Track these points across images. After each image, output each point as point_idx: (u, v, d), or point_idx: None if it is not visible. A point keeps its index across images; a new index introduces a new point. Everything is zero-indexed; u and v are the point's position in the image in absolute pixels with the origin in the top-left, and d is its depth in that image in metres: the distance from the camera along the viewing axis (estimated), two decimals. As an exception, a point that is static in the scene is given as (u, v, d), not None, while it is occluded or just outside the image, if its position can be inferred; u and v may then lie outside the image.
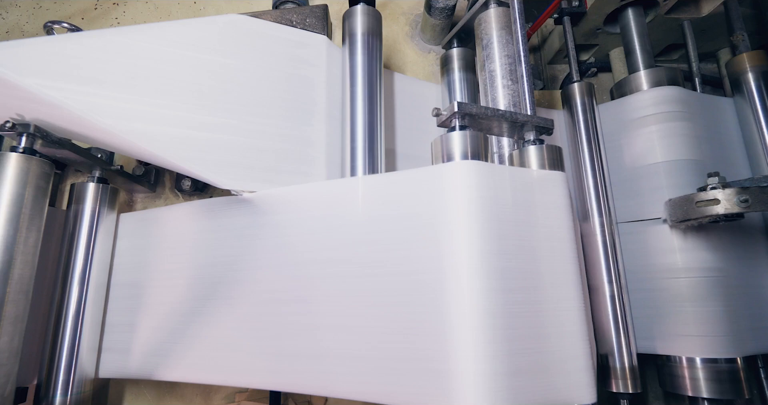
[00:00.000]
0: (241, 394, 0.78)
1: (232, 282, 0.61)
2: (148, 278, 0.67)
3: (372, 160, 0.66)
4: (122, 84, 0.57)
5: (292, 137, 0.66)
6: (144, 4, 1.01)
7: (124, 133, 0.55)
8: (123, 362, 0.65)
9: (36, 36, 0.99)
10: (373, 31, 0.73)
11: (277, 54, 0.68)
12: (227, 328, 0.60)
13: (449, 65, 0.85)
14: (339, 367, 0.53)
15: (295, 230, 0.58)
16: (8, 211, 0.54)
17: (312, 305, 0.56)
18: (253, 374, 0.58)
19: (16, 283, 0.53)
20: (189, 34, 0.63)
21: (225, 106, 0.62)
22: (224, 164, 0.60)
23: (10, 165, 0.55)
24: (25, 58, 0.53)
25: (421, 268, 0.50)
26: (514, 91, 0.68)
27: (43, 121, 0.57)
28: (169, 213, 0.69)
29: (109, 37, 0.59)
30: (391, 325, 0.51)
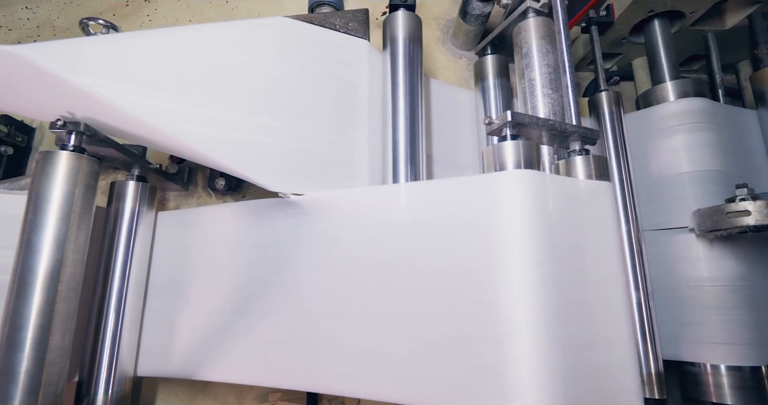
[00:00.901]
0: (274, 394, 0.78)
1: (276, 284, 0.62)
2: (188, 278, 0.68)
3: (414, 167, 0.67)
4: (173, 85, 0.58)
5: (336, 141, 0.66)
6: (176, 2, 1.01)
7: (176, 133, 0.55)
8: (162, 361, 0.66)
9: (67, 31, 0.99)
10: (414, 36, 0.74)
11: (321, 57, 0.68)
12: (270, 329, 0.61)
13: (484, 72, 0.86)
14: (386, 372, 0.54)
15: (342, 234, 0.59)
16: (60, 210, 0.54)
17: (358, 309, 0.57)
18: (297, 376, 0.59)
19: (68, 282, 0.53)
20: (238, 36, 0.63)
21: (272, 109, 0.62)
22: (271, 166, 0.60)
23: (61, 163, 0.55)
24: (79, 56, 0.54)
25: (472, 274, 0.51)
26: (554, 100, 0.69)
27: (95, 119, 0.57)
28: (210, 213, 0.69)
29: (160, 37, 0.59)
30: (439, 331, 0.52)
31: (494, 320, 0.48)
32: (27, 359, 0.49)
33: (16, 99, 0.59)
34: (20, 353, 0.49)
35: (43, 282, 0.51)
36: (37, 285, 0.51)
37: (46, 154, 0.55)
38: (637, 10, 0.97)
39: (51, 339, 0.51)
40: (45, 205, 0.53)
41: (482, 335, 0.49)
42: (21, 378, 0.48)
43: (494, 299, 0.48)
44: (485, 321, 0.49)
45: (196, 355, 0.64)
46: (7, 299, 0.51)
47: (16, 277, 0.51)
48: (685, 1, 0.94)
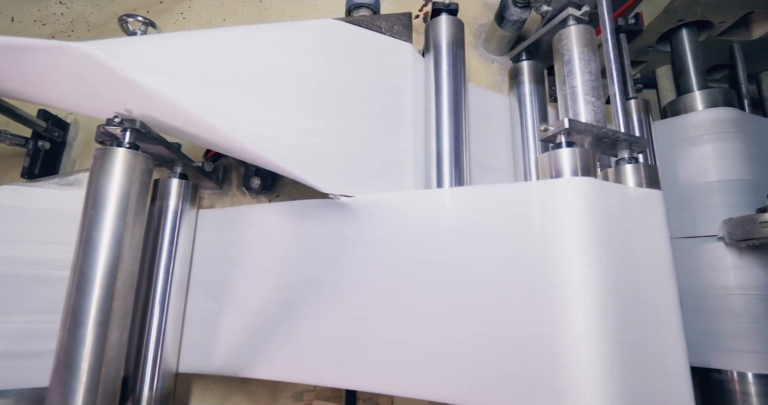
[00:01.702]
0: (309, 393, 0.78)
1: (322, 283, 0.62)
2: (230, 276, 0.68)
3: (459, 171, 0.67)
4: (229, 85, 0.58)
5: (382, 143, 0.67)
6: (209, 0, 1.01)
7: (232, 132, 0.56)
8: (205, 358, 0.66)
9: (101, 27, 0.99)
10: (458, 41, 0.74)
11: (368, 60, 0.69)
12: (316, 328, 0.61)
13: (519, 77, 0.86)
14: (435, 371, 0.55)
15: (390, 236, 0.60)
16: (117, 207, 0.54)
17: (406, 310, 0.58)
18: (343, 375, 0.59)
19: (125, 279, 0.53)
20: (290, 37, 0.63)
21: (322, 110, 0.63)
22: (321, 167, 0.61)
23: (118, 160, 0.56)
24: (142, 54, 0.54)
25: (526, 276, 0.52)
26: (597, 108, 0.70)
27: (151, 117, 0.58)
28: (253, 212, 0.70)
29: (217, 37, 0.59)
30: (488, 334, 0.53)
31: (551, 323, 0.49)
32: (88, 355, 0.49)
33: (71, 94, 0.59)
34: (81, 349, 0.49)
35: (102, 278, 0.52)
36: (97, 281, 0.51)
37: (105, 151, 0.55)
38: (666, 19, 0.98)
39: (110, 335, 0.51)
40: (103, 201, 0.54)
41: (537, 339, 0.50)
42: (82, 374, 0.49)
43: (551, 302, 0.49)
44: (540, 324, 0.50)
45: (239, 353, 0.65)
46: (68, 295, 0.51)
47: (76, 273, 0.52)
48: (715, 12, 0.95)
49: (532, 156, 0.81)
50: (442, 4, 0.77)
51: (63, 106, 0.63)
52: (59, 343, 0.50)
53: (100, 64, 0.51)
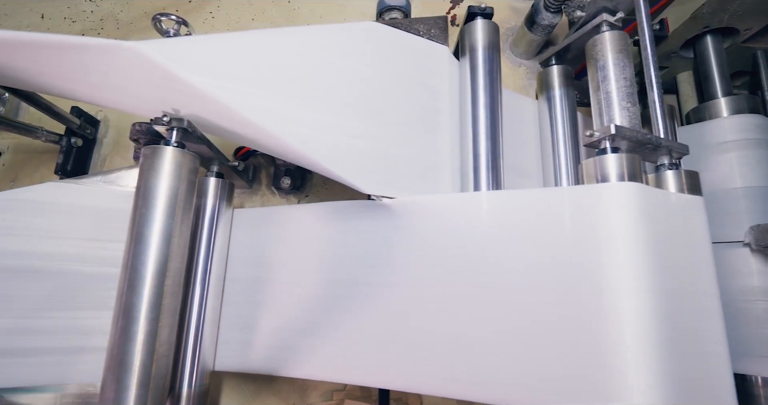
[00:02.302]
0: (339, 392, 0.79)
1: (362, 284, 0.63)
2: (267, 275, 0.69)
3: (496, 175, 0.68)
4: (275, 85, 0.59)
5: (422, 146, 0.67)
6: (238, 0, 1.02)
7: (280, 133, 0.56)
8: (241, 356, 0.66)
9: (131, 25, 1.00)
10: (494, 45, 0.75)
11: (407, 62, 0.69)
12: (356, 328, 0.62)
13: (549, 82, 0.87)
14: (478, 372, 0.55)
15: (432, 238, 0.60)
16: (167, 205, 0.55)
17: (448, 311, 0.58)
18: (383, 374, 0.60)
19: (174, 276, 0.54)
20: (332, 39, 0.64)
21: (364, 112, 0.64)
22: (364, 169, 0.61)
23: (167, 158, 0.56)
24: (193, 54, 0.54)
25: (572, 283, 0.52)
26: (632, 114, 0.70)
27: (199, 116, 0.58)
28: (290, 212, 0.70)
29: (263, 38, 0.60)
30: (531, 340, 0.54)
31: (597, 325, 0.50)
32: (139, 352, 0.50)
33: (119, 92, 0.60)
34: (134, 346, 0.50)
35: (152, 276, 0.52)
36: (148, 279, 0.52)
37: (155, 150, 0.56)
38: (693, 25, 0.99)
39: (160, 333, 0.51)
40: (153, 199, 0.54)
41: (583, 341, 0.50)
42: (135, 370, 0.49)
43: (599, 305, 0.50)
44: (586, 326, 0.51)
45: (276, 352, 0.65)
46: (120, 292, 0.52)
47: (127, 270, 0.52)
48: (742, 19, 0.96)
49: (563, 160, 0.82)
50: (478, 8, 0.77)
51: (108, 104, 0.63)
52: (112, 340, 0.50)
53: (154, 64, 0.52)
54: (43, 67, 0.57)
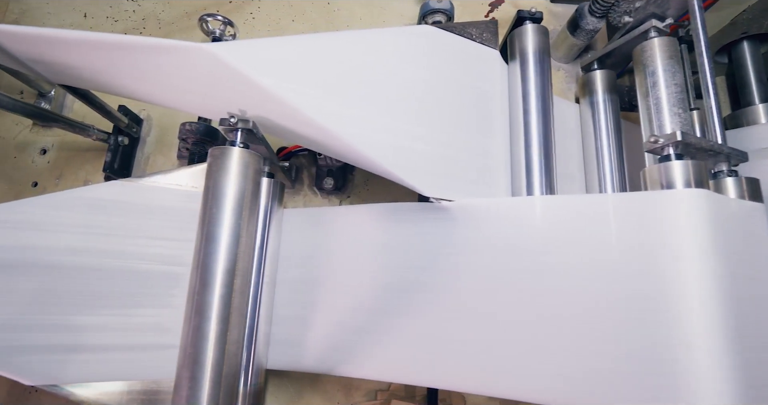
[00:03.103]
0: (383, 392, 0.80)
1: (418, 286, 0.63)
2: (319, 275, 0.69)
3: (549, 179, 0.68)
4: (338, 88, 0.59)
5: (477, 149, 0.68)
6: (278, 1, 1.03)
7: (344, 135, 0.57)
8: (295, 355, 0.67)
9: (172, 25, 1.00)
10: (544, 49, 0.75)
11: (462, 66, 0.70)
12: (411, 329, 0.62)
13: (592, 86, 0.87)
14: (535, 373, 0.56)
15: (491, 241, 0.61)
16: (235, 205, 0.55)
17: (505, 315, 0.59)
18: (437, 375, 0.61)
19: (242, 276, 0.55)
20: (391, 42, 0.65)
21: (422, 115, 0.64)
22: (424, 172, 0.62)
23: (234, 159, 0.57)
24: (263, 57, 0.55)
25: (635, 289, 0.53)
26: (684, 120, 0.71)
27: (265, 118, 0.59)
28: (344, 213, 0.71)
29: (331, 41, 0.60)
30: (592, 345, 0.54)
31: (663, 332, 0.50)
32: (212, 350, 0.50)
33: (185, 93, 0.60)
34: (207, 343, 0.50)
35: (223, 275, 0.53)
36: (219, 278, 0.52)
37: (223, 150, 0.56)
38: (731, 31, 0.99)
39: (230, 332, 0.52)
40: (222, 199, 0.55)
41: (645, 348, 0.51)
42: (208, 368, 0.50)
43: (665, 312, 0.50)
44: (649, 333, 0.51)
45: (330, 351, 0.66)
46: (193, 290, 0.52)
47: (198, 268, 0.53)
48: (781, 25, 0.96)
49: (607, 165, 0.82)
50: (528, 12, 0.78)
51: (170, 104, 0.64)
52: (185, 338, 0.51)
53: (228, 66, 0.52)
54: (113, 67, 0.58)
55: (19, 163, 0.91)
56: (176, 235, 0.64)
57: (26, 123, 0.93)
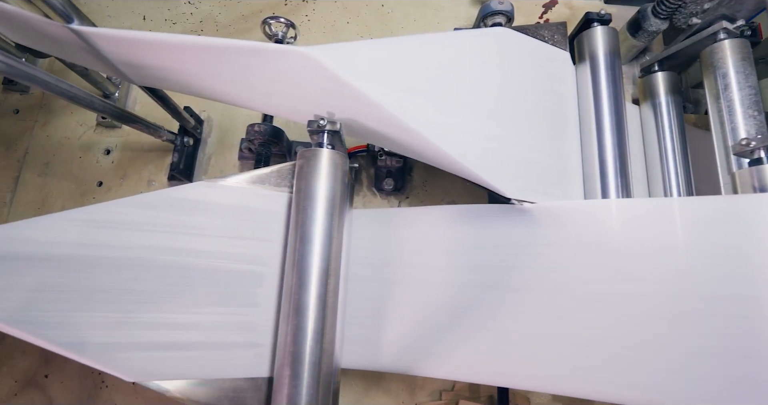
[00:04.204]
0: (447, 392, 0.80)
1: (496, 288, 0.63)
2: (390, 276, 0.70)
3: (625, 181, 0.68)
4: (422, 90, 0.60)
5: (554, 151, 0.68)
6: (333, 3, 1.03)
7: (430, 136, 0.58)
8: (367, 355, 0.68)
9: (229, 27, 1.02)
10: (614, 51, 0.75)
11: (536, 68, 0.70)
12: (490, 329, 0.63)
13: (654, 88, 0.87)
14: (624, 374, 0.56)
15: (573, 243, 0.61)
16: (327, 205, 0.56)
17: (585, 317, 0.59)
18: (519, 375, 0.61)
19: (335, 275, 0.55)
20: (470, 45, 0.65)
21: (503, 117, 0.64)
22: (506, 173, 0.62)
23: (324, 160, 0.58)
24: (355, 59, 0.56)
25: (728, 294, 0.53)
26: (760, 122, 0.70)
27: (353, 120, 0.59)
28: (416, 214, 0.71)
29: (411, 43, 0.61)
30: (674, 347, 0.54)
31: (759, 335, 0.50)
32: (310, 348, 0.51)
33: (275, 96, 0.61)
34: (307, 342, 0.51)
35: (318, 275, 0.54)
36: (315, 277, 0.53)
37: (315, 152, 0.57)
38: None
39: (327, 330, 0.53)
40: (315, 200, 0.56)
41: (742, 352, 0.51)
42: (306, 366, 0.51)
43: (760, 316, 0.50)
44: (745, 336, 0.51)
45: (405, 351, 0.66)
46: (289, 289, 0.53)
47: (295, 268, 0.54)
48: None
49: (671, 168, 0.81)
50: (597, 14, 0.78)
51: (255, 107, 0.65)
52: (284, 337, 0.52)
53: (325, 69, 0.53)
54: (204, 70, 0.59)
55: (84, 163, 0.93)
56: (257, 235, 0.65)
57: (90, 124, 0.95)
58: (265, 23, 0.89)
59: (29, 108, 0.97)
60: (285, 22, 0.89)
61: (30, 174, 0.92)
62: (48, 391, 0.81)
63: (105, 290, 0.55)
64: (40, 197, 0.91)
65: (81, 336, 0.53)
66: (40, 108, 0.97)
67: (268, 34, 0.90)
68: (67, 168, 0.92)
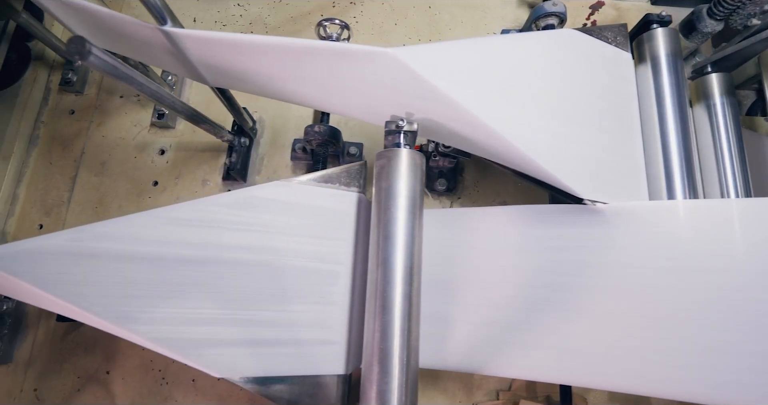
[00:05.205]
0: (504, 392, 0.80)
1: (566, 288, 0.64)
2: (457, 276, 0.70)
3: (692, 183, 0.69)
4: (497, 90, 0.60)
5: (621, 151, 0.68)
6: (380, 5, 1.04)
7: (507, 136, 0.58)
8: (436, 354, 0.68)
9: (278, 29, 1.03)
10: (677, 52, 0.76)
11: (602, 69, 0.71)
12: (563, 330, 0.63)
13: (708, 90, 0.87)
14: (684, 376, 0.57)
15: (648, 244, 0.61)
16: (409, 205, 0.57)
17: (660, 318, 0.59)
18: (589, 374, 0.61)
19: (418, 274, 0.56)
20: (542, 46, 0.66)
21: (574, 118, 0.65)
22: (579, 174, 0.63)
23: (404, 160, 0.58)
24: (435, 61, 0.56)
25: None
26: (829, 124, 0.70)
27: (431, 120, 0.60)
28: (483, 214, 0.71)
29: (492, 45, 0.62)
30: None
31: None
32: (401, 346, 0.52)
33: (354, 97, 0.62)
34: (395, 339, 0.52)
35: (403, 273, 0.54)
36: (400, 275, 0.54)
37: (396, 152, 0.58)
38: None
39: (413, 328, 0.53)
40: (397, 199, 0.56)
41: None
42: (396, 362, 0.51)
43: None
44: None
45: (474, 351, 0.67)
46: (375, 288, 0.54)
47: (380, 266, 0.54)
48: None
49: (728, 170, 0.81)
50: (657, 16, 0.78)
51: (329, 108, 0.66)
52: (372, 334, 0.53)
53: (410, 71, 0.54)
54: (283, 71, 0.60)
55: (139, 163, 0.94)
56: (330, 233, 0.66)
57: (144, 124, 0.97)
58: (320, 25, 0.90)
59: (84, 108, 0.98)
60: (340, 23, 0.90)
61: (87, 174, 0.94)
62: (110, 387, 0.82)
63: (193, 287, 0.56)
64: (97, 196, 0.92)
65: (171, 332, 0.54)
66: (95, 109, 0.98)
67: (322, 36, 0.91)
68: (123, 168, 0.94)
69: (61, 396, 0.82)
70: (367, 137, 0.94)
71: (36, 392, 0.83)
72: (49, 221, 0.92)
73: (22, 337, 0.85)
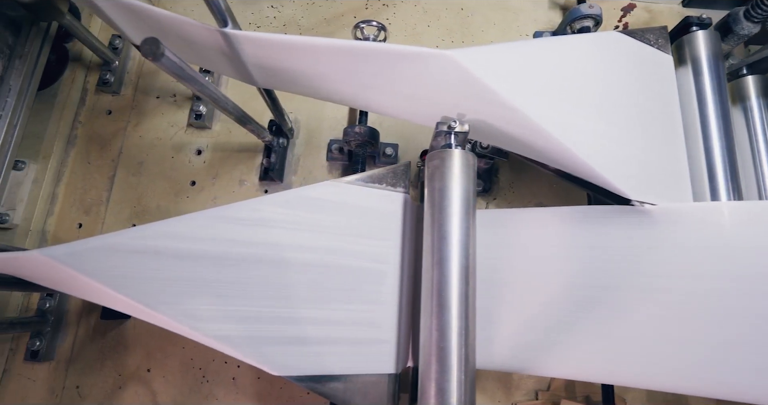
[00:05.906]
0: (543, 392, 0.81)
1: (613, 289, 0.64)
2: (506, 276, 0.70)
3: (735, 184, 0.69)
4: (547, 92, 0.61)
5: (666, 153, 0.69)
6: (413, 7, 1.05)
7: (559, 138, 0.59)
8: (482, 354, 0.69)
9: (312, 30, 1.04)
10: (717, 55, 0.76)
11: (646, 71, 0.71)
12: (608, 331, 0.63)
13: (744, 92, 0.87)
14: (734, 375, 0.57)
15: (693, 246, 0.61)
16: (463, 205, 0.57)
17: (712, 317, 0.59)
18: (637, 374, 0.62)
19: (473, 274, 0.57)
20: (592, 49, 0.66)
21: (622, 120, 0.65)
22: (625, 175, 0.63)
23: (457, 160, 0.59)
24: (493, 63, 0.57)
25: None
26: None
27: (482, 121, 0.61)
28: (526, 215, 0.72)
29: (543, 47, 0.63)
30: None
31: None
32: (457, 344, 0.52)
33: (404, 98, 0.63)
34: (454, 338, 0.52)
35: (459, 272, 0.55)
36: (456, 275, 0.54)
37: (449, 153, 0.59)
38: None
39: (470, 327, 0.54)
40: (452, 199, 0.57)
41: None
42: (457, 362, 0.52)
43: None
44: None
45: (520, 351, 0.67)
46: (432, 287, 0.55)
47: (436, 266, 0.55)
48: None
49: (767, 171, 0.82)
50: (697, 18, 0.78)
51: (382, 110, 0.66)
52: (430, 333, 0.53)
53: (467, 72, 0.55)
54: (337, 73, 0.61)
55: (176, 163, 0.95)
56: (378, 233, 0.66)
57: (181, 125, 0.98)
58: (357, 27, 0.91)
59: (121, 109, 1.00)
60: (377, 25, 0.91)
61: (125, 173, 0.95)
62: (151, 385, 0.83)
63: (253, 286, 0.57)
64: (136, 196, 0.94)
65: (232, 330, 0.55)
66: (132, 109, 0.99)
67: (358, 37, 0.92)
68: (161, 168, 0.95)
69: (103, 393, 0.83)
70: (401, 138, 0.95)
71: (78, 389, 0.84)
72: (89, 220, 0.93)
73: (64, 335, 0.87)
